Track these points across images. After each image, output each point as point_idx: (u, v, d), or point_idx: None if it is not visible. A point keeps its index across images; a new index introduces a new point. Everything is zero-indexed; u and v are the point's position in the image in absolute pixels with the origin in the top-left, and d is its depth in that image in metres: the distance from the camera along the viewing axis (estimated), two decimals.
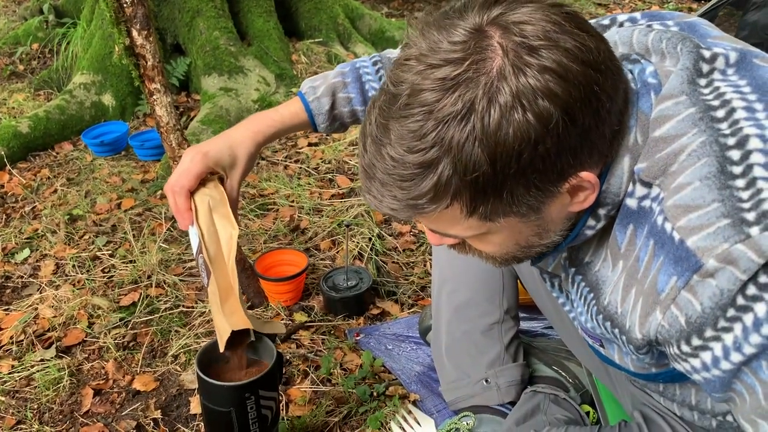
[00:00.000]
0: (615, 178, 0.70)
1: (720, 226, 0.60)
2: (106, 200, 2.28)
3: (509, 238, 0.74)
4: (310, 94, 1.13)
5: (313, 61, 3.32)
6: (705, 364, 0.65)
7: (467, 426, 1.23)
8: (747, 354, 0.61)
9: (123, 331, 1.65)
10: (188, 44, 3.16)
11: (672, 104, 0.68)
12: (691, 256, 0.61)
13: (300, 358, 1.54)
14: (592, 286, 0.79)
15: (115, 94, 3.01)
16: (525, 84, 0.61)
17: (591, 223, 0.75)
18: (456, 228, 0.71)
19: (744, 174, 0.61)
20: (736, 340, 0.61)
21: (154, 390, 1.48)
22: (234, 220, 1.04)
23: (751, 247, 0.58)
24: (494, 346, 1.29)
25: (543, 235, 0.75)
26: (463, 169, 0.62)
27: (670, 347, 0.68)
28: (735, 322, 0.60)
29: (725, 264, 0.59)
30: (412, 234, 2.06)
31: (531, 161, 0.62)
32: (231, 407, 1.08)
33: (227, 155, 1.04)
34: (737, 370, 0.63)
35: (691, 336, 0.64)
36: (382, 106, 0.67)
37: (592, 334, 0.86)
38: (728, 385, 0.66)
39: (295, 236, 2.04)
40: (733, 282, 0.59)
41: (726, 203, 0.61)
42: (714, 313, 0.61)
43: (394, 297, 1.78)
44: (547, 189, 0.66)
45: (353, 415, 1.38)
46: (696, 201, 0.62)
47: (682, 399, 0.92)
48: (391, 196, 0.67)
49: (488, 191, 0.64)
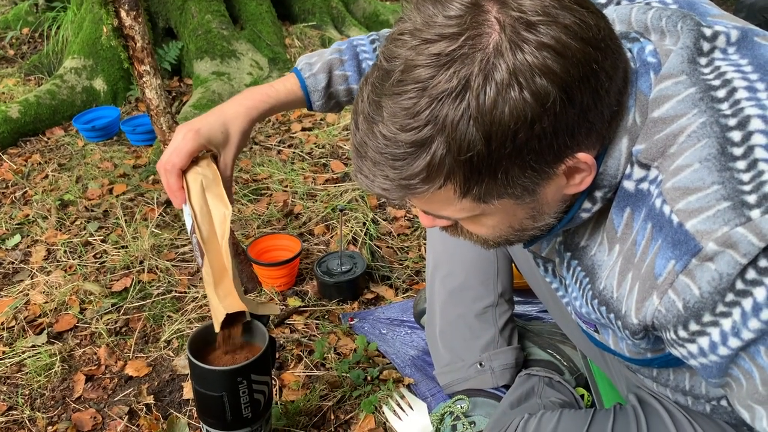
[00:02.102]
0: (612, 159, 0.69)
1: (720, 209, 0.59)
2: (98, 185, 2.26)
3: (503, 220, 0.73)
4: (306, 70, 1.10)
5: (307, 45, 3.29)
6: (702, 349, 0.64)
7: (461, 409, 1.23)
8: (745, 339, 0.60)
9: (115, 316, 1.64)
10: (180, 28, 3.12)
11: (672, 84, 0.66)
12: (690, 240, 0.60)
13: (294, 343, 1.53)
14: (588, 270, 0.78)
15: (106, 79, 2.97)
16: (522, 61, 0.59)
17: (587, 206, 0.73)
18: (449, 209, 0.70)
19: (745, 155, 0.60)
20: (734, 326, 0.60)
21: (147, 375, 1.47)
22: (227, 200, 1.02)
23: (751, 230, 0.57)
24: (488, 329, 1.29)
25: (537, 218, 0.73)
26: (457, 149, 0.61)
27: (666, 332, 0.67)
28: (733, 307, 0.59)
29: (725, 248, 0.58)
30: (407, 219, 2.05)
31: (527, 141, 0.61)
32: (223, 392, 1.07)
33: (220, 132, 1.01)
34: (735, 355, 0.62)
35: (689, 321, 0.63)
36: (374, 83, 0.65)
37: (586, 320, 0.85)
38: (725, 370, 0.65)
39: (288, 221, 2.03)
40: (733, 266, 0.58)
41: (726, 185, 0.59)
42: (712, 298, 0.60)
43: (389, 281, 1.77)
44: (543, 170, 0.65)
45: (347, 399, 1.37)
46: (695, 183, 0.61)
47: (676, 384, 0.91)
48: (383, 175, 0.65)
49: (483, 172, 0.63)
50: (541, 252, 0.92)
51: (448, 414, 1.25)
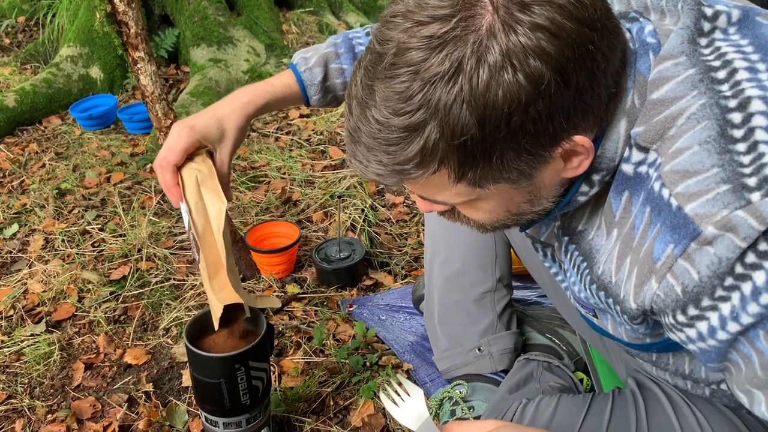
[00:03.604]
0: (610, 142, 0.68)
1: (719, 192, 0.58)
2: (95, 174, 2.25)
3: (500, 205, 0.72)
4: (301, 65, 1.10)
5: (304, 31, 3.26)
6: (701, 333, 0.63)
7: (460, 395, 1.23)
8: (744, 324, 0.59)
9: (113, 305, 1.64)
10: (176, 15, 3.09)
11: (671, 65, 0.65)
12: (689, 223, 0.59)
13: (293, 330, 1.53)
14: (586, 255, 0.77)
15: (103, 67, 2.95)
16: (516, 43, 0.58)
17: (584, 189, 0.72)
18: (444, 194, 0.69)
19: (745, 138, 0.59)
20: (733, 310, 0.59)
21: (146, 363, 1.47)
22: (222, 194, 1.01)
23: (751, 213, 0.56)
24: (487, 314, 1.28)
25: (534, 202, 0.73)
26: (450, 133, 0.60)
27: (665, 317, 0.66)
28: (733, 291, 0.58)
29: (724, 231, 0.57)
30: (405, 205, 2.04)
31: (521, 124, 0.60)
32: (221, 378, 1.07)
33: (215, 128, 1.01)
34: (734, 339, 0.61)
35: (688, 305, 0.62)
36: (367, 66, 0.64)
37: (585, 304, 0.85)
38: (724, 355, 0.64)
39: (287, 208, 2.02)
40: (732, 250, 0.57)
41: (726, 168, 0.58)
42: (711, 282, 0.59)
43: (387, 268, 1.77)
44: (539, 154, 0.64)
45: (346, 385, 1.37)
46: (695, 166, 0.60)
47: (675, 368, 0.91)
48: (376, 161, 0.64)
49: (477, 156, 0.62)
50: (539, 237, 0.91)
51: (447, 399, 1.25)
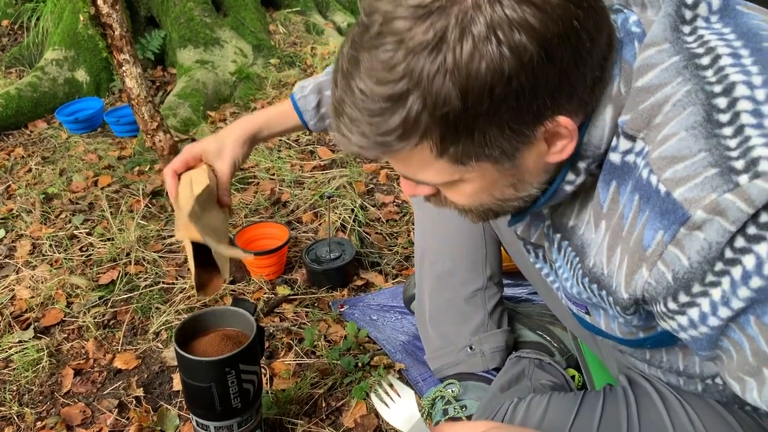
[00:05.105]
0: (596, 129, 0.68)
1: (707, 175, 0.57)
2: (83, 178, 2.23)
3: (483, 188, 0.71)
4: (298, 92, 1.18)
5: (291, 31, 3.25)
6: (692, 321, 0.63)
7: (452, 393, 1.22)
8: (735, 309, 0.59)
9: (102, 309, 1.62)
10: (162, 16, 3.08)
11: (655, 52, 0.66)
12: (678, 208, 0.59)
13: (284, 332, 1.52)
14: (578, 250, 0.77)
15: (88, 70, 2.93)
16: (501, 15, 0.58)
17: (570, 178, 0.72)
18: (427, 172, 0.68)
19: (731, 122, 0.59)
20: (724, 295, 0.59)
21: (136, 368, 1.46)
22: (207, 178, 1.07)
23: (739, 196, 0.55)
24: (478, 313, 1.28)
25: (519, 187, 0.72)
26: (432, 104, 0.60)
27: (656, 305, 0.66)
28: (723, 276, 0.58)
29: (713, 215, 0.56)
30: (395, 204, 2.04)
31: (504, 98, 0.59)
32: (211, 382, 1.06)
33: (213, 143, 1.12)
34: (725, 326, 0.61)
35: (678, 292, 0.62)
36: (354, 38, 0.64)
37: (577, 301, 0.84)
38: (715, 342, 0.64)
39: (276, 209, 2.01)
40: (722, 234, 0.57)
41: (713, 152, 0.58)
42: (702, 267, 0.59)
43: (378, 268, 1.76)
44: (522, 132, 0.63)
45: (338, 386, 1.37)
46: (682, 151, 0.60)
47: (669, 365, 0.91)
48: (359, 132, 0.64)
49: (459, 129, 0.62)
50: (530, 238, 0.91)
51: (439, 398, 1.24)
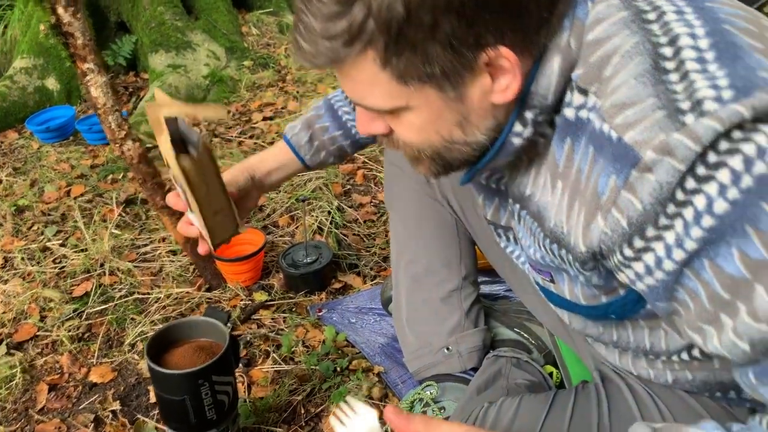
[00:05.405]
0: (543, 77, 0.70)
1: (656, 118, 0.60)
2: (55, 188, 2.20)
3: (430, 120, 0.73)
4: (289, 131, 1.22)
5: (264, 33, 3.23)
6: (648, 266, 0.64)
7: (430, 395, 1.22)
8: (689, 250, 0.60)
9: (77, 322, 1.60)
10: (132, 21, 3.04)
11: (604, 7, 0.69)
12: (630, 151, 0.61)
13: (261, 338, 1.51)
14: (536, 216, 0.79)
15: (59, 78, 2.89)
16: None
17: (518, 129, 0.73)
18: (374, 93, 0.70)
19: (677, 68, 0.62)
20: (677, 237, 0.60)
21: (112, 381, 1.44)
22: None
23: (687, 134, 0.58)
24: (454, 313, 1.28)
25: (466, 128, 0.73)
26: (377, 11, 0.62)
27: (613, 256, 0.67)
28: (675, 219, 0.60)
29: (663, 155, 0.59)
30: (373, 204, 2.03)
31: (446, 11, 0.62)
32: (184, 395, 1.05)
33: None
34: (680, 272, 0.62)
35: (633, 237, 0.63)
36: None
37: (542, 268, 0.85)
38: (671, 291, 0.65)
39: (252, 214, 1.99)
40: (672, 174, 0.58)
41: (661, 97, 0.61)
42: (654, 209, 0.60)
43: (356, 269, 1.75)
44: (463, 53, 0.65)
45: (317, 392, 1.36)
46: (632, 98, 0.63)
47: (636, 345, 0.90)
48: (310, 40, 0.67)
49: (402, 41, 0.64)
50: (500, 221, 0.94)
51: (417, 401, 1.24)
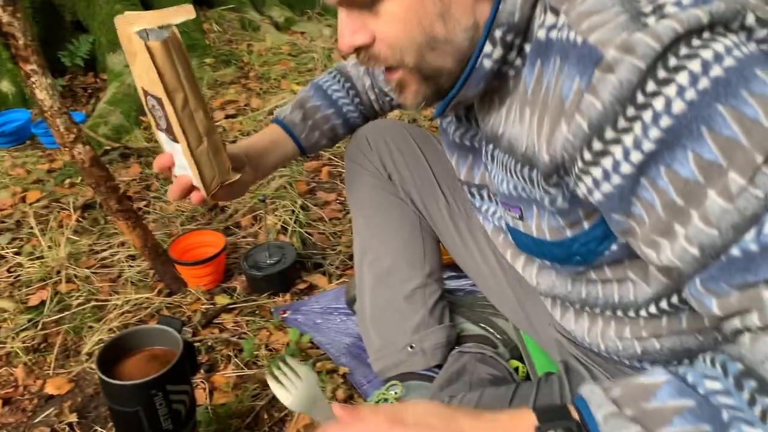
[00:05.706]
0: None
1: (620, 21, 0.62)
2: (9, 195, 2.13)
3: (412, 9, 0.73)
4: (281, 113, 1.21)
5: (226, 29, 3.17)
6: (606, 171, 0.65)
7: (395, 395, 1.20)
8: (646, 151, 0.61)
9: (32, 333, 1.55)
10: (88, 20, 2.96)
11: None
12: (593, 50, 0.63)
13: (223, 343, 1.47)
14: (508, 149, 0.81)
15: (12, 80, 2.80)
16: None
17: (488, 50, 0.75)
18: None
19: None
20: (635, 139, 0.61)
21: (69, 392, 1.39)
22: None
23: (648, 34, 0.60)
24: (418, 311, 1.26)
25: (447, 21, 0.74)
26: None
27: (574, 164, 0.68)
28: (635, 122, 0.61)
29: (624, 54, 0.60)
30: (338, 202, 2.00)
31: None
32: (138, 406, 1.01)
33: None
34: (636, 178, 0.63)
35: (592, 139, 0.64)
36: None
37: (513, 204, 0.85)
38: (628, 200, 0.65)
39: (214, 215, 1.95)
40: (633, 72, 0.60)
41: (625, 4, 0.63)
42: (614, 108, 0.61)
43: (322, 269, 1.73)
44: None
45: None
46: (597, 7, 0.65)
47: (605, 300, 0.88)
48: None
49: None
50: (474, 180, 0.97)
51: (382, 401, 1.22)
